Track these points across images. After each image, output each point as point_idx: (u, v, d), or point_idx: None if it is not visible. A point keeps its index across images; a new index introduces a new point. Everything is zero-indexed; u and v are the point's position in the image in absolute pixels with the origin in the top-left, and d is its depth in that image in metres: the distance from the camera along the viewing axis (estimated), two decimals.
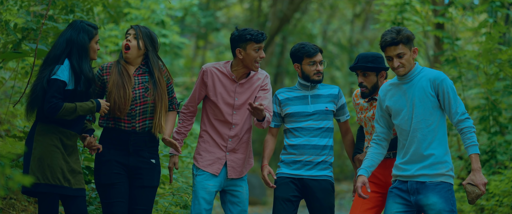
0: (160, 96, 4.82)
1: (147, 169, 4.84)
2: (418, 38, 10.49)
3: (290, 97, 5.20)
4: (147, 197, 4.83)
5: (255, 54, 5.01)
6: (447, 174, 4.43)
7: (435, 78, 4.45)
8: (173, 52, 12.24)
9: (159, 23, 11.29)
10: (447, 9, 10.29)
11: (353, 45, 23.69)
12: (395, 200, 4.49)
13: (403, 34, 4.44)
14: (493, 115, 9.37)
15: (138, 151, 4.81)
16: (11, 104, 6.82)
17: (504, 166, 8.51)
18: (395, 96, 4.56)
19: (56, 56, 4.63)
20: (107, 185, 4.75)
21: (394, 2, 9.93)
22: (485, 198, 8.06)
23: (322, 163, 5.11)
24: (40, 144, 4.56)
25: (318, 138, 5.11)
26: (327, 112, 5.14)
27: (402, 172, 4.50)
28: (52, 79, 4.53)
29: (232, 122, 5.09)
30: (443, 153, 4.45)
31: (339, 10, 23.75)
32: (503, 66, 8.47)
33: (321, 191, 5.06)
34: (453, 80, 9.88)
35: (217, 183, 5.08)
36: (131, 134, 4.79)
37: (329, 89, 5.22)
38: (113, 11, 9.31)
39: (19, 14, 6.64)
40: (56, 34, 6.57)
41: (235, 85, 5.10)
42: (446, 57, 9.81)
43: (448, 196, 4.39)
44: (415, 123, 4.46)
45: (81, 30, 4.69)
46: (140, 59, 4.90)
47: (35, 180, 4.49)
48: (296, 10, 19.52)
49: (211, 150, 5.10)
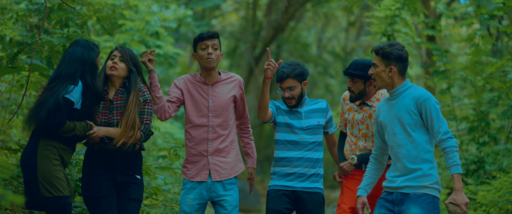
0: (127, 113, 4.89)
1: (134, 183, 4.99)
2: (408, 49, 10.66)
3: (285, 110, 5.35)
4: (133, 209, 4.97)
5: (203, 52, 5.18)
6: (431, 186, 4.55)
7: (418, 97, 4.59)
8: (168, 63, 12.36)
9: (154, 34, 11.42)
10: (436, 22, 10.44)
11: (348, 53, 23.82)
12: (380, 211, 4.66)
13: (384, 49, 4.66)
14: (482, 125, 9.52)
15: (124, 170, 4.96)
16: (8, 116, 6.94)
17: (492, 176, 8.64)
18: (385, 112, 4.73)
19: (71, 74, 4.77)
20: (99, 197, 4.88)
21: (385, 14, 10.08)
22: (472, 207, 8.18)
23: (314, 176, 5.28)
24: (45, 159, 4.69)
25: (312, 152, 5.27)
26: (319, 126, 5.31)
27: (389, 184, 4.67)
28: (65, 98, 4.69)
29: (209, 125, 5.21)
30: (428, 167, 4.58)
31: (334, 19, 23.91)
32: (489, 78, 8.62)
33: (312, 203, 5.22)
34: (443, 92, 10.04)
35: (198, 195, 5.17)
36: (117, 154, 4.93)
37: (317, 104, 5.38)
38: (107, 23, 9.43)
39: (14, 28, 6.76)
40: (51, 48, 6.69)
41: (207, 88, 5.25)
42: (435, 69, 9.97)
43: (430, 208, 4.51)
44: (399, 139, 4.61)
45: (89, 48, 4.86)
46: (120, 80, 5.05)
47: (47, 194, 4.64)
48: (290, 19, 19.67)
49: (193, 159, 5.22)
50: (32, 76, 6.94)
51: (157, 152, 8.34)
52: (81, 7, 7.16)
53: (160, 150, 8.04)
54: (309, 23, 24.15)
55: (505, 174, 8.13)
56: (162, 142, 9.96)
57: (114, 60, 5.01)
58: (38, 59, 6.48)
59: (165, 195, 6.92)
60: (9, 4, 6.93)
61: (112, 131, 4.87)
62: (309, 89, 24.12)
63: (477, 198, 7.97)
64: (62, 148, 4.79)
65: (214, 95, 5.24)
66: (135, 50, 10.95)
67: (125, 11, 10.76)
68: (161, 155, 7.98)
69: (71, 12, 6.73)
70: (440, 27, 10.27)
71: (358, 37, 23.92)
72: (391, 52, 4.63)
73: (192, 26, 13.75)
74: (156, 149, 8.67)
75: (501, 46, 12.37)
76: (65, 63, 4.82)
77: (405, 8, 9.96)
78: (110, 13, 8.57)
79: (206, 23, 18.40)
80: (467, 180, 8.94)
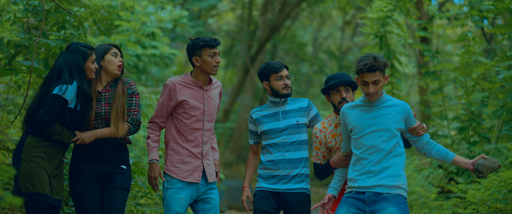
0: (113, 103, 5.04)
1: (119, 173, 5.09)
2: (400, 50, 10.79)
3: (263, 115, 5.43)
4: (119, 197, 5.05)
5: (211, 60, 5.25)
6: (403, 187, 4.73)
7: (403, 108, 4.79)
8: (163, 63, 12.47)
9: (150, 35, 11.52)
10: (428, 23, 10.57)
11: (343, 52, 23.93)
12: (350, 209, 4.73)
13: (380, 62, 4.68)
14: (473, 125, 9.66)
15: (110, 160, 5.07)
16: (5, 116, 7.04)
17: None
18: (361, 117, 4.83)
19: (59, 76, 4.94)
20: (80, 193, 4.98)
21: (377, 16, 10.20)
22: (462, 206, 8.32)
23: (298, 176, 5.34)
24: (28, 156, 4.83)
25: (292, 152, 5.34)
26: (298, 126, 5.37)
27: (359, 183, 4.77)
28: (59, 96, 4.83)
29: (204, 128, 5.34)
30: (400, 168, 4.76)
31: (330, 18, 24.00)
32: (479, 79, 8.75)
33: (297, 203, 5.29)
34: (434, 92, 10.19)
35: (189, 195, 5.27)
36: (102, 144, 5.05)
37: (299, 103, 5.46)
38: (104, 24, 9.53)
39: (12, 30, 6.85)
40: (47, 50, 6.79)
41: (203, 92, 5.35)
42: (427, 70, 10.10)
43: (404, 207, 4.68)
44: (378, 144, 4.75)
45: (76, 52, 4.99)
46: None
47: (25, 190, 4.75)
48: (286, 18, 19.77)
49: (187, 160, 5.29)
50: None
51: None
52: (78, 9, 7.27)
53: None
54: (305, 22, 24.25)
55: (494, 173, 8.25)
56: None
57: (118, 58, 5.16)
58: (35, 61, 6.57)
59: (160, 193, 7.02)
60: (6, 5, 7.01)
61: (105, 132, 4.99)
62: (305, 88, 24.25)
63: (467, 197, 8.09)
64: (49, 145, 4.90)
65: (208, 100, 5.36)
66: (131, 50, 11.07)
67: (121, 12, 10.86)
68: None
69: (68, 14, 6.81)
70: (432, 29, 10.40)
71: (354, 36, 24.05)
72: (384, 62, 4.73)
73: (187, 26, 13.85)
74: None
75: (495, 47, 12.49)
76: (54, 68, 5.00)
77: (397, 10, 10.08)
78: (106, 15, 8.67)
79: (202, 23, 18.49)
80: (457, 179, 9.08)
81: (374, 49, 10.85)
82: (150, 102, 8.55)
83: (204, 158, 5.35)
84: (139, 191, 6.84)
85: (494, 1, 8.51)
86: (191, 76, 5.35)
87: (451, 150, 10.28)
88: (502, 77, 8.54)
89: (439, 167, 9.90)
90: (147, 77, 14.67)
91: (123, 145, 5.15)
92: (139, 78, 12.18)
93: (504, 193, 7.60)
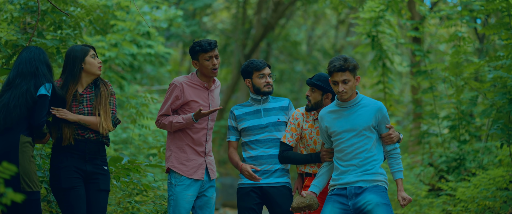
0: (100, 102, 5.16)
1: (102, 174, 5.20)
2: (392, 50, 10.92)
3: (244, 113, 5.56)
4: (102, 200, 5.18)
5: (208, 63, 5.42)
6: (383, 180, 5.01)
7: (378, 109, 5.01)
8: (158, 61, 12.57)
9: (145, 34, 11.61)
10: (419, 23, 10.70)
11: (337, 51, 24.03)
12: (334, 205, 4.97)
13: (350, 63, 4.94)
14: (463, 123, 9.81)
15: (93, 159, 5.17)
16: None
17: (472, 173, 8.91)
18: (337, 120, 5.06)
19: (34, 72, 5.03)
20: (68, 189, 5.04)
21: (369, 16, 10.32)
22: (452, 203, 8.45)
23: (279, 171, 5.47)
24: (25, 156, 4.93)
25: (274, 148, 5.48)
26: (279, 123, 5.52)
27: (340, 181, 5.02)
28: (45, 96, 4.95)
29: (208, 127, 5.53)
30: (378, 166, 5.02)
31: (324, 16, 24.10)
32: (468, 79, 8.89)
33: (280, 196, 5.43)
34: (425, 91, 10.33)
35: (195, 192, 5.45)
36: (87, 143, 5.14)
37: (280, 102, 5.61)
38: (99, 24, 9.62)
39: (9, 30, 6.92)
40: (44, 49, 6.86)
41: (208, 93, 5.53)
42: (418, 69, 10.24)
43: (384, 195, 4.95)
44: (355, 144, 4.99)
45: (43, 53, 5.15)
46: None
47: (28, 189, 4.86)
48: (280, 17, 19.88)
49: (192, 158, 5.46)
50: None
51: (148, 150, 8.55)
52: (74, 9, 7.36)
53: (151, 148, 8.26)
54: (299, 21, 24.36)
55: (484, 171, 8.39)
56: (153, 140, 10.18)
57: (98, 59, 5.24)
58: None
59: (155, 191, 7.14)
60: (3, 5, 7.08)
61: (92, 120, 5.09)
62: (299, 87, 24.38)
63: (456, 195, 8.22)
64: (32, 144, 5.02)
65: (212, 100, 5.55)
66: (126, 49, 11.16)
67: (116, 12, 10.94)
68: (151, 153, 8.18)
69: (64, 14, 6.89)
70: (423, 29, 10.53)
71: (348, 35, 24.16)
72: (354, 64, 4.97)
73: (182, 25, 13.96)
74: (147, 147, 8.88)
75: (488, 46, 12.62)
76: (22, 64, 5.06)
77: (389, 10, 10.20)
78: (102, 15, 8.77)
79: (196, 22, 18.59)
80: (447, 177, 9.21)
81: (366, 49, 11.00)
82: (145, 101, 8.63)
83: (206, 155, 5.52)
84: (134, 188, 6.95)
85: (484, 1, 8.63)
86: (197, 76, 5.52)
87: (442, 148, 10.44)
88: (492, 77, 8.67)
89: (429, 165, 10.04)
90: (142, 76, 14.78)
91: (103, 144, 5.25)
92: (134, 77, 12.27)
93: (493, 190, 7.74)
